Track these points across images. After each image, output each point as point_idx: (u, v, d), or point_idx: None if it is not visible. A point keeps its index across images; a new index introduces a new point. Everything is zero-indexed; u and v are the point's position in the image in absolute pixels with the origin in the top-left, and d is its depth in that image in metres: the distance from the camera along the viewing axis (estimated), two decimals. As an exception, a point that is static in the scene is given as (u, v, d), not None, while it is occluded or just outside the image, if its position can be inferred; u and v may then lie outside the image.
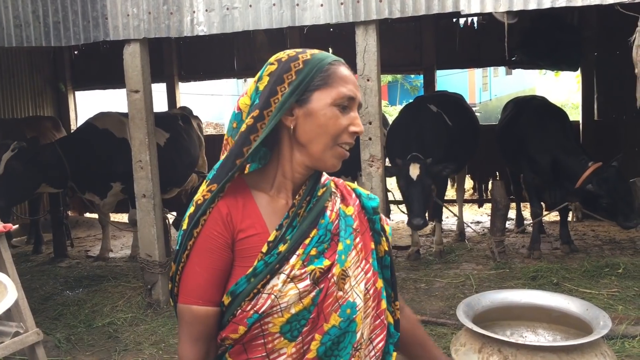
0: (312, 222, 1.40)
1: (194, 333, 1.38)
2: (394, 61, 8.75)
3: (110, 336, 4.75)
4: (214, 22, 4.69)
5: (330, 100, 1.36)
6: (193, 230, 1.37)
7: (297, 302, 1.34)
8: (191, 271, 1.38)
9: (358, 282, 1.42)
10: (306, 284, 1.35)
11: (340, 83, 1.38)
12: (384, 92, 24.31)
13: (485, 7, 4.20)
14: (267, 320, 1.34)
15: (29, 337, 3.21)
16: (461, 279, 5.58)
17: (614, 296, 4.89)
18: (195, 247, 1.37)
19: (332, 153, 1.38)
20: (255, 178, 1.42)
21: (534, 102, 6.69)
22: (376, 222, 1.52)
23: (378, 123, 4.58)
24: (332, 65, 1.39)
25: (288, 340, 1.36)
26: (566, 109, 8.60)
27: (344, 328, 1.38)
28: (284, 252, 1.35)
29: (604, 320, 2.94)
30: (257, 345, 1.37)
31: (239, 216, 1.38)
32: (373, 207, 1.53)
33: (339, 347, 1.39)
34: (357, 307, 1.40)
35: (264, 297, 1.34)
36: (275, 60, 1.40)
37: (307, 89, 1.36)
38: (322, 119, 1.36)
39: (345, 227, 1.44)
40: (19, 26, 5.08)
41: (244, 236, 1.37)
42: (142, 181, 5.11)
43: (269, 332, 1.35)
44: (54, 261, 7.02)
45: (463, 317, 3.05)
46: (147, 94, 5.04)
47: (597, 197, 5.55)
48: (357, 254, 1.44)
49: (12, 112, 8.83)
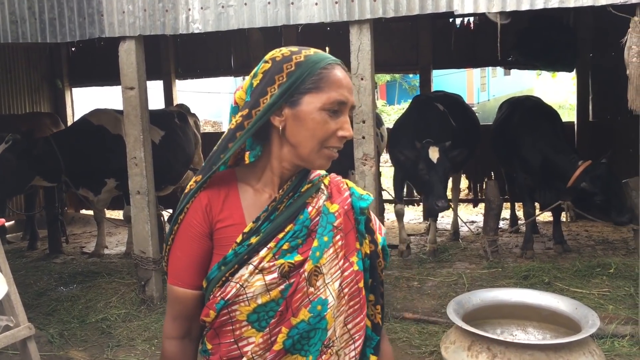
0: (289, 217, 1.42)
1: (174, 311, 1.48)
2: (390, 61, 8.78)
3: (104, 332, 4.76)
4: (209, 20, 4.70)
5: (320, 104, 1.37)
6: (178, 216, 1.45)
7: (264, 293, 1.37)
8: (173, 255, 1.47)
9: (333, 280, 1.42)
10: (273, 276, 1.37)
11: (332, 88, 1.38)
12: (382, 91, 24.34)
13: (478, 8, 4.22)
14: (234, 307, 1.39)
15: (21, 331, 3.23)
16: (454, 278, 5.60)
17: (605, 296, 4.92)
18: (178, 233, 1.46)
19: (319, 155, 1.40)
20: (245, 171, 1.47)
21: (528, 103, 6.72)
22: (360, 223, 1.51)
23: (371, 122, 4.60)
24: (325, 69, 1.39)
25: (256, 330, 1.40)
26: (563, 109, 8.66)
27: (314, 324, 1.39)
28: (254, 244, 1.39)
29: (592, 319, 2.96)
30: (226, 331, 1.42)
31: (219, 207, 1.43)
32: (361, 207, 1.52)
33: (309, 342, 1.40)
34: (328, 305, 1.40)
35: (232, 285, 1.39)
36: (270, 58, 1.41)
37: (298, 92, 1.37)
38: (310, 124, 1.38)
39: (325, 224, 1.44)
40: (14, 22, 5.09)
41: (221, 226, 1.43)
42: (136, 178, 5.12)
43: (236, 320, 1.40)
44: (48, 257, 7.03)
45: (453, 315, 3.08)
46: (142, 91, 5.05)
47: (591, 194, 5.58)
48: (335, 252, 1.43)
49: (9, 108, 8.84)
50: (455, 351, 3.01)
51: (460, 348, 2.98)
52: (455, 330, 3.09)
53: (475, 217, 8.41)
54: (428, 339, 4.34)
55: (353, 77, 4.57)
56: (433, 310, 4.88)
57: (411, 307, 4.94)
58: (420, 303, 5.07)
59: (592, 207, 5.76)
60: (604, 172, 5.54)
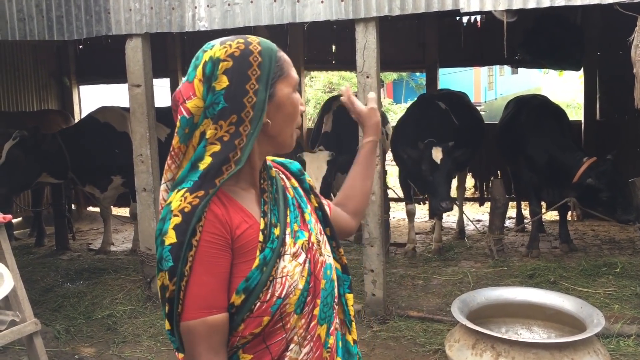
0: (284, 202, 1.46)
1: (214, 345, 1.30)
2: (397, 59, 8.76)
3: (109, 328, 4.79)
4: (215, 18, 4.71)
5: (290, 87, 1.40)
6: (191, 239, 1.28)
7: (300, 278, 1.39)
8: (198, 282, 1.28)
9: (324, 242, 1.50)
10: (303, 257, 1.41)
11: (290, 68, 1.41)
12: (389, 90, 24.30)
13: (484, 6, 4.21)
14: (286, 302, 1.35)
15: (27, 326, 3.25)
16: (459, 276, 5.59)
17: (611, 295, 4.90)
18: (198, 256, 1.28)
19: (292, 136, 1.45)
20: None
21: (534, 102, 6.70)
22: (304, 182, 1.58)
23: (377, 120, 4.59)
24: (278, 51, 1.41)
25: (298, 315, 1.39)
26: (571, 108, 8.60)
27: (328, 289, 1.46)
28: (280, 235, 1.39)
29: (597, 318, 2.96)
30: (276, 330, 1.36)
31: (230, 214, 1.35)
32: (298, 169, 1.60)
33: (329, 306, 1.46)
34: (332, 266, 1.50)
35: (280, 281, 1.34)
36: (227, 56, 1.34)
37: (272, 82, 1.37)
38: (289, 108, 1.40)
39: (300, 198, 1.52)
40: (22, 20, 5.12)
41: (240, 232, 1.34)
42: (142, 175, 5.14)
43: (286, 313, 1.36)
44: (55, 253, 7.07)
45: (458, 313, 3.08)
46: (149, 89, 5.07)
47: (596, 190, 5.56)
48: (315, 219, 1.52)
49: (17, 105, 8.88)
50: (459, 349, 3.01)
51: (465, 346, 2.98)
52: (459, 328, 3.09)
53: (481, 216, 8.39)
54: (432, 337, 4.34)
55: (359, 74, 4.57)
56: (438, 308, 4.88)
57: (416, 306, 4.94)
58: (425, 301, 5.07)
59: (597, 204, 5.74)
60: (609, 168, 5.53)
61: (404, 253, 6.48)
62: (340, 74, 18.36)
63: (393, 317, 4.70)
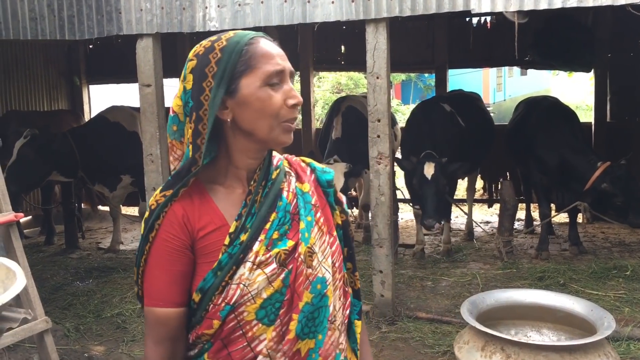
0: (270, 207, 1.40)
1: (157, 335, 1.38)
2: (406, 59, 8.74)
3: (119, 327, 4.81)
4: (225, 18, 4.73)
5: (259, 82, 1.34)
6: (149, 234, 1.36)
7: (267, 287, 1.35)
8: (150, 275, 1.37)
9: (325, 257, 1.44)
10: (273, 267, 1.36)
11: (263, 61, 1.34)
12: (397, 91, 24.26)
13: (496, 7, 4.19)
14: (241, 310, 1.35)
15: (38, 324, 3.27)
16: (468, 278, 5.58)
17: (621, 298, 4.87)
18: (152, 251, 1.36)
19: (278, 132, 1.37)
20: (208, 173, 1.41)
21: (545, 103, 6.66)
22: (330, 195, 1.52)
23: (387, 121, 4.59)
24: (249, 45, 1.35)
25: (266, 325, 1.36)
26: (580, 110, 8.56)
27: (317, 303, 1.39)
28: (246, 241, 1.36)
29: (608, 321, 2.94)
30: (237, 337, 1.37)
31: (196, 215, 1.37)
32: (327, 180, 1.53)
33: (315, 322, 1.40)
34: (327, 282, 1.42)
35: (233, 287, 1.34)
36: (194, 55, 1.37)
37: (233, 78, 1.33)
38: (257, 104, 1.34)
39: (304, 205, 1.44)
40: (34, 19, 5.15)
41: (204, 233, 1.37)
42: (152, 174, 5.15)
43: (245, 321, 1.36)
44: (65, 252, 7.11)
45: (467, 315, 3.07)
46: (159, 88, 5.09)
47: (610, 196, 5.53)
48: (320, 229, 1.45)
49: (28, 104, 8.94)
50: (468, 351, 3.00)
51: (474, 348, 2.97)
52: (469, 330, 3.09)
53: (490, 218, 8.36)
54: (441, 339, 4.33)
55: (369, 75, 4.57)
56: (447, 310, 4.87)
57: (425, 307, 4.94)
58: (434, 303, 5.06)
59: (610, 209, 5.71)
60: (625, 174, 5.51)
61: (412, 254, 6.47)
62: (349, 75, 18.36)
63: (401, 318, 4.70)
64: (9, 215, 3.34)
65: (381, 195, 4.67)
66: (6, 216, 3.32)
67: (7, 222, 3.32)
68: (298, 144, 8.33)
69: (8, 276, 2.35)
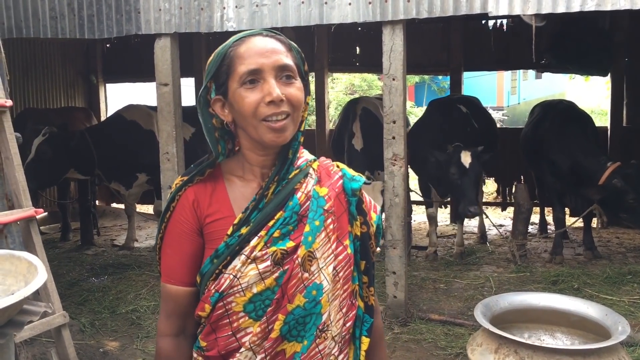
0: (278, 205, 1.41)
1: (167, 309, 1.48)
2: (421, 62, 8.74)
3: (133, 323, 4.86)
4: (243, 19, 4.76)
5: (235, 84, 1.37)
6: (165, 214, 1.47)
7: (258, 282, 1.37)
8: (164, 253, 1.48)
9: (327, 264, 1.42)
10: (266, 265, 1.38)
11: (238, 62, 1.37)
12: (410, 92, 24.21)
13: (513, 9, 4.19)
14: (230, 299, 1.39)
15: (56, 319, 3.32)
16: (481, 281, 5.57)
17: (636, 303, 4.84)
18: (167, 231, 1.47)
19: (262, 130, 1.37)
20: (230, 164, 1.49)
21: (560, 106, 6.63)
22: (352, 204, 1.49)
23: (402, 122, 4.60)
24: (234, 47, 1.38)
25: (253, 320, 1.39)
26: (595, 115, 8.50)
27: (309, 309, 1.40)
28: (245, 234, 1.39)
29: (622, 325, 2.93)
30: (223, 325, 1.42)
31: (206, 202, 1.44)
32: (353, 188, 1.50)
33: (305, 327, 1.41)
34: (323, 289, 1.41)
35: (225, 276, 1.39)
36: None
37: (222, 81, 1.39)
38: (237, 106, 1.38)
39: (316, 209, 1.43)
40: (54, 18, 5.22)
41: (210, 220, 1.43)
42: (168, 173, 5.20)
43: (233, 312, 1.40)
44: (80, 249, 7.19)
45: (481, 317, 3.07)
46: (176, 88, 5.13)
47: (621, 193, 5.50)
48: (328, 236, 1.43)
49: (45, 102, 9.05)
50: (482, 354, 3.00)
51: (487, 351, 2.97)
52: (482, 332, 3.09)
53: (504, 221, 8.33)
54: (454, 341, 4.33)
55: (385, 77, 4.58)
56: (459, 312, 4.87)
57: (437, 309, 4.94)
58: (447, 305, 5.06)
59: (622, 209, 5.67)
60: (635, 172, 5.49)
61: (425, 256, 6.47)
62: (362, 76, 18.37)
63: (414, 319, 4.70)
64: (29, 211, 3.39)
65: (395, 196, 4.68)
66: (26, 212, 3.38)
67: (27, 217, 3.37)
68: (312, 144, 8.35)
69: (29, 270, 2.39)
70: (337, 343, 1.46)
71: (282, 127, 1.37)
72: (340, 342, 1.47)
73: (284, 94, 1.36)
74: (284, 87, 1.37)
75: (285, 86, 1.37)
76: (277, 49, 1.38)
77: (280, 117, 1.36)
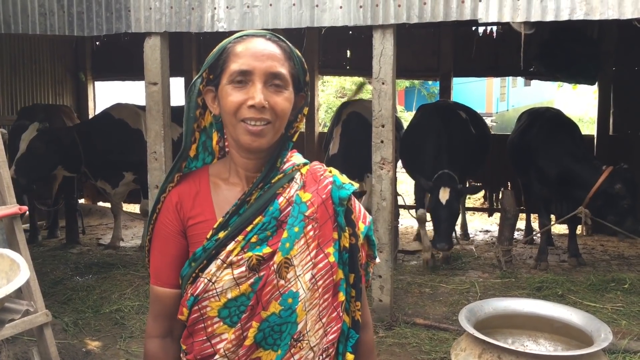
0: (258, 210, 1.39)
1: (155, 310, 1.49)
2: (411, 66, 8.78)
3: (117, 323, 4.83)
4: (234, 19, 4.75)
5: (225, 79, 1.38)
6: (152, 216, 1.49)
7: (233, 288, 1.36)
8: (152, 255, 1.49)
9: (304, 272, 1.38)
10: (242, 270, 1.36)
11: (233, 59, 1.37)
12: (400, 97, 24.29)
13: (503, 17, 4.22)
14: (205, 304, 1.38)
15: (38, 317, 3.28)
16: (466, 286, 5.59)
17: (619, 311, 4.89)
18: (154, 233, 1.48)
19: (240, 130, 1.36)
20: (217, 167, 1.49)
21: (547, 114, 6.68)
22: (339, 215, 1.44)
23: (390, 126, 4.62)
24: (233, 43, 1.39)
25: (228, 326, 1.38)
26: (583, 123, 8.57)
27: (284, 317, 1.37)
28: (222, 239, 1.38)
29: (605, 333, 2.95)
30: (199, 329, 1.41)
31: (190, 204, 1.44)
32: (340, 197, 1.44)
33: (281, 336, 1.38)
34: (299, 298, 1.37)
35: (200, 280, 1.38)
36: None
37: (217, 74, 1.40)
38: (221, 101, 1.39)
39: (296, 214, 1.39)
40: (43, 14, 5.18)
41: (193, 223, 1.43)
42: (155, 172, 5.17)
43: (207, 316, 1.39)
44: (65, 247, 7.13)
45: (465, 322, 3.08)
46: (165, 87, 5.11)
47: (620, 198, 5.55)
48: (307, 243, 1.39)
49: (33, 99, 8.97)
50: (465, 359, 3.01)
51: (471, 356, 2.98)
52: (466, 337, 3.09)
53: (490, 227, 8.38)
54: (438, 346, 4.34)
55: (374, 81, 4.59)
56: (444, 317, 4.88)
57: (422, 313, 4.95)
58: (432, 309, 5.07)
59: (612, 213, 5.71)
60: (632, 176, 5.60)
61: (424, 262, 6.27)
62: (353, 80, 18.37)
63: (399, 323, 4.71)
64: (13, 208, 3.36)
65: (383, 200, 4.69)
66: (10, 209, 3.34)
67: (11, 214, 3.33)
68: (301, 147, 8.35)
69: (12, 268, 2.37)
70: (317, 355, 1.43)
71: (259, 132, 1.35)
72: (322, 355, 1.43)
73: (269, 101, 1.34)
74: (270, 94, 1.35)
75: (273, 94, 1.36)
76: (274, 55, 1.37)
77: (260, 122, 1.35)
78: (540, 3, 4.12)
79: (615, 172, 5.61)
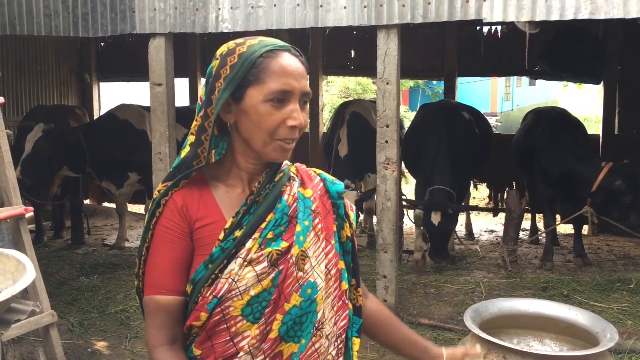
0: (268, 207, 1.42)
1: (158, 321, 1.41)
2: (415, 66, 8.77)
3: (122, 323, 4.84)
4: (238, 20, 4.76)
5: (261, 97, 1.36)
6: (150, 222, 1.42)
7: (255, 284, 1.37)
8: (153, 262, 1.42)
9: (319, 263, 1.45)
10: (263, 266, 1.38)
11: (272, 78, 1.35)
12: (405, 97, 24.27)
13: (507, 16, 4.21)
14: (228, 304, 1.37)
15: (44, 318, 3.30)
16: (471, 286, 5.58)
17: (624, 311, 4.87)
18: (155, 239, 1.42)
19: (272, 148, 1.39)
20: (213, 169, 1.46)
21: (552, 114, 6.66)
22: (340, 207, 1.54)
23: (395, 126, 4.61)
24: (265, 57, 1.36)
25: (251, 323, 1.38)
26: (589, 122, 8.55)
27: (305, 308, 1.40)
28: (240, 237, 1.38)
29: (611, 333, 2.94)
30: (220, 331, 1.39)
31: (195, 207, 1.42)
32: (338, 191, 1.55)
33: (302, 327, 1.41)
34: (317, 287, 1.43)
35: (222, 281, 1.37)
36: (219, 54, 1.41)
37: (242, 85, 1.36)
38: (254, 117, 1.37)
39: (304, 209, 1.46)
40: (48, 15, 5.20)
41: (200, 225, 1.41)
42: (160, 173, 5.18)
43: (230, 316, 1.38)
44: (70, 247, 7.15)
45: (470, 322, 3.07)
46: (170, 88, 5.12)
47: (619, 194, 5.53)
48: (317, 235, 1.46)
49: (38, 99, 9.01)
50: (470, 359, 3.00)
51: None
52: (471, 337, 3.09)
53: (495, 227, 8.36)
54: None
55: (379, 81, 4.59)
56: (449, 317, 4.87)
57: (427, 313, 4.94)
58: (437, 309, 5.06)
59: (615, 210, 5.69)
60: (634, 171, 5.57)
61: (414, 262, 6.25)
62: (357, 80, 18.37)
63: (404, 323, 4.70)
64: (18, 209, 3.37)
65: (387, 200, 4.68)
66: (16, 209, 3.36)
67: (16, 215, 3.35)
68: (305, 147, 8.35)
69: (18, 268, 2.37)
70: (331, 342, 1.47)
71: (291, 149, 1.42)
72: (336, 341, 1.49)
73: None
74: (301, 112, 1.40)
75: (302, 112, 1.41)
76: (303, 73, 1.41)
77: (293, 141, 1.41)
78: (545, 2, 4.11)
79: (614, 168, 5.60)
